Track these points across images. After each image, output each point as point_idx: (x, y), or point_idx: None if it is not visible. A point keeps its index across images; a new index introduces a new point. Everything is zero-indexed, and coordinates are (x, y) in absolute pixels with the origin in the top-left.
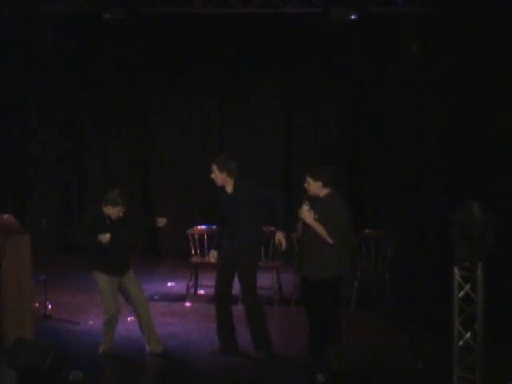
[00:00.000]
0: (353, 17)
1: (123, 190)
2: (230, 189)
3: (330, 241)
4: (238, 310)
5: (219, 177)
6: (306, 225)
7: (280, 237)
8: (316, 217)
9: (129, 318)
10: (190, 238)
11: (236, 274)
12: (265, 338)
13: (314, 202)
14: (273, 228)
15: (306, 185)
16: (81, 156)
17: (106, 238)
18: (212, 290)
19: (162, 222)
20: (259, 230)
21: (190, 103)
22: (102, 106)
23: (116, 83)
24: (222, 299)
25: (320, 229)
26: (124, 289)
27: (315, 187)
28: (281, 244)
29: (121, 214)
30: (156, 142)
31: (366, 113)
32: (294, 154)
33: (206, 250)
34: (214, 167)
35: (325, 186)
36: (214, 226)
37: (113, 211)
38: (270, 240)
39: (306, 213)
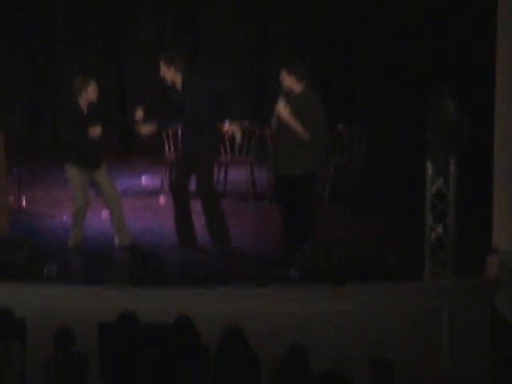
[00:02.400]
0: None
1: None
2: (179, 86)
3: (306, 137)
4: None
5: (167, 74)
6: (281, 120)
7: (234, 128)
8: (292, 113)
9: (103, 212)
10: (165, 134)
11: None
12: (221, 233)
13: (290, 97)
14: (245, 123)
15: (280, 77)
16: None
17: (96, 130)
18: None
19: (139, 113)
20: (215, 126)
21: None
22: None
23: None
24: (177, 194)
25: (295, 124)
26: (96, 183)
27: (290, 81)
28: (234, 136)
29: (95, 95)
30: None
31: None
32: (270, 50)
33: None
34: (162, 64)
35: (299, 80)
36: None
37: (89, 93)
38: (243, 135)
39: (282, 108)
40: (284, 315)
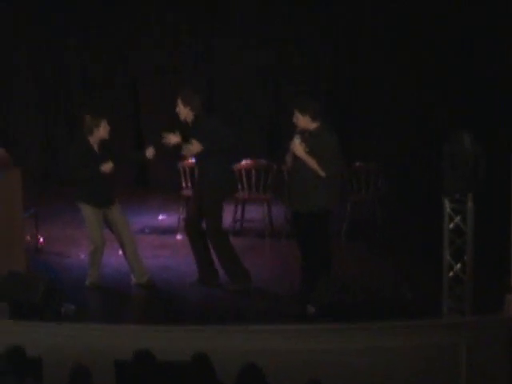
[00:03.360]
0: None
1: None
2: (190, 123)
3: (322, 174)
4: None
5: (182, 111)
6: (296, 158)
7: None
8: (307, 150)
9: (120, 251)
10: (181, 170)
11: None
12: (236, 272)
13: (305, 135)
14: (262, 161)
15: (294, 119)
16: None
17: (108, 166)
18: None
19: (150, 152)
20: (220, 168)
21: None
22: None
23: None
24: (189, 231)
25: (311, 162)
26: (109, 220)
27: (304, 121)
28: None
29: (106, 134)
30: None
31: (359, 42)
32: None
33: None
34: (179, 101)
35: (313, 119)
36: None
37: (100, 131)
38: (260, 172)
39: (298, 146)
40: (301, 352)
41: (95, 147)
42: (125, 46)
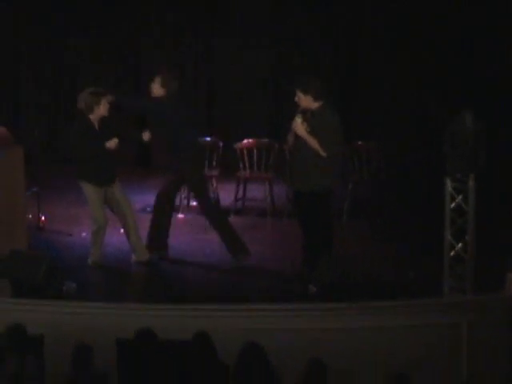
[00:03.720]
0: None
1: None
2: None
3: (323, 153)
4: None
5: (157, 90)
6: (298, 137)
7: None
8: (308, 130)
9: (122, 230)
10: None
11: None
12: (235, 246)
13: (307, 114)
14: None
15: (296, 99)
16: (71, 68)
17: (113, 143)
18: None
19: (146, 135)
20: (190, 142)
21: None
22: (89, 15)
23: None
24: (161, 202)
25: (313, 141)
26: (110, 199)
27: (306, 101)
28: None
29: (106, 111)
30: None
31: (359, 42)
32: (283, 66)
33: None
34: (156, 81)
35: (315, 99)
36: (207, 138)
37: (101, 108)
38: (262, 151)
39: (299, 125)
40: (302, 331)
41: (96, 125)
42: (125, 45)
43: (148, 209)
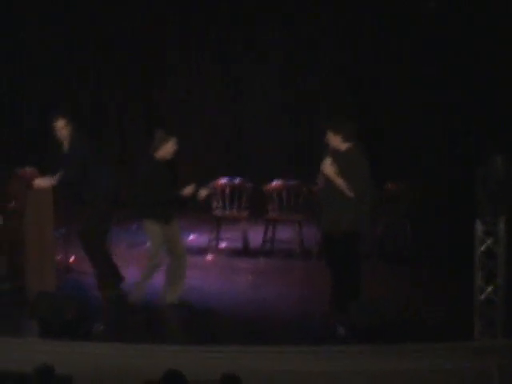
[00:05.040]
0: None
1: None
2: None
3: (351, 195)
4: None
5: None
6: (327, 179)
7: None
8: (337, 171)
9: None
10: (213, 191)
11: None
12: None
13: (336, 156)
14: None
15: (326, 139)
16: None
17: (190, 190)
18: (234, 244)
19: (203, 192)
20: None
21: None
22: (118, 65)
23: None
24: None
25: (341, 183)
26: (167, 235)
27: (336, 141)
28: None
29: (171, 153)
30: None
31: (389, 64)
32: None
33: (228, 204)
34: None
35: (345, 140)
36: (237, 179)
37: (167, 148)
38: (291, 193)
39: (328, 167)
40: (331, 373)
41: (164, 166)
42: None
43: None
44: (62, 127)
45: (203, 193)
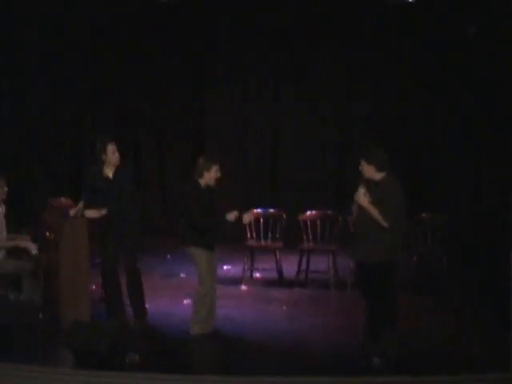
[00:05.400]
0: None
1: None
2: (110, 174)
3: (384, 224)
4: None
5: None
6: (361, 208)
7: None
8: (371, 200)
9: (185, 301)
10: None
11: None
12: (141, 307)
13: (370, 185)
14: (328, 211)
15: (360, 168)
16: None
17: (233, 216)
18: (268, 274)
19: (247, 218)
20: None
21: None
22: (155, 92)
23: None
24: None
25: (374, 212)
26: (211, 263)
27: (369, 171)
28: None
29: (214, 180)
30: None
31: (424, 91)
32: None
33: (262, 234)
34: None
35: (379, 169)
36: (271, 210)
37: (211, 175)
38: (325, 223)
39: (362, 196)
40: None
41: (205, 190)
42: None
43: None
44: (114, 151)
45: (248, 218)
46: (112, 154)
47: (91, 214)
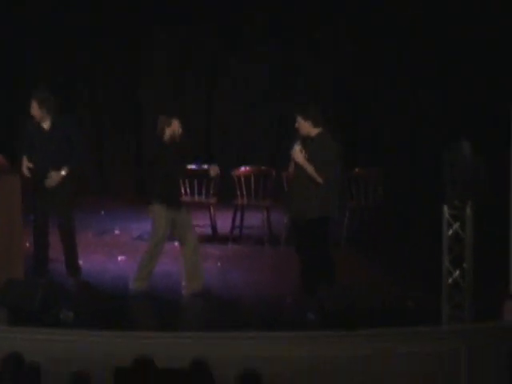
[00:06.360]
0: None
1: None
2: (46, 125)
3: (319, 180)
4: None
5: (37, 112)
6: (297, 165)
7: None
8: (306, 157)
9: (119, 258)
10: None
11: None
12: (76, 265)
13: (306, 142)
14: (261, 167)
15: (296, 125)
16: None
17: (215, 170)
18: (202, 230)
19: (214, 170)
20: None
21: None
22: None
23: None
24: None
25: (309, 168)
26: (176, 221)
27: (306, 127)
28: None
29: (180, 129)
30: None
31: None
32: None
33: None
34: (34, 103)
35: (315, 125)
36: (205, 166)
37: (173, 129)
38: (259, 179)
39: (298, 153)
40: (300, 359)
41: (169, 147)
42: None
43: (146, 236)
44: (35, 107)
45: (214, 170)
46: (32, 109)
47: (52, 182)
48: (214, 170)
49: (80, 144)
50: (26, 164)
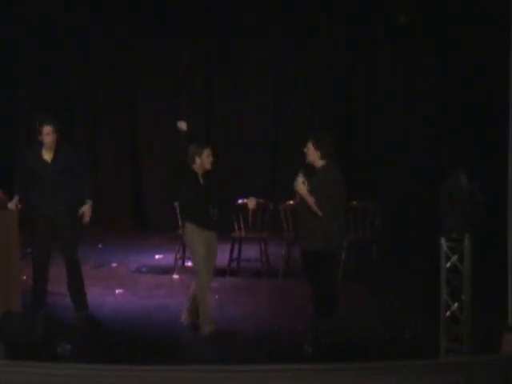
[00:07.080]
0: None
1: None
2: (48, 156)
3: (320, 213)
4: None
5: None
6: (300, 196)
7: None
8: (309, 188)
9: (117, 291)
10: (178, 210)
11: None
12: (83, 300)
13: (310, 172)
14: (259, 199)
15: (305, 150)
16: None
17: (253, 203)
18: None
19: (252, 203)
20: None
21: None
22: (89, 70)
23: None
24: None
25: (310, 201)
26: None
27: (314, 156)
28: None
29: (209, 164)
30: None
31: (359, 81)
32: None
33: None
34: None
35: (323, 157)
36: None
37: (203, 159)
38: (257, 211)
39: (301, 184)
40: None
41: (200, 177)
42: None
43: (143, 269)
44: (48, 132)
45: (252, 203)
46: (46, 136)
47: (88, 218)
48: (251, 203)
49: (87, 174)
50: (15, 202)
